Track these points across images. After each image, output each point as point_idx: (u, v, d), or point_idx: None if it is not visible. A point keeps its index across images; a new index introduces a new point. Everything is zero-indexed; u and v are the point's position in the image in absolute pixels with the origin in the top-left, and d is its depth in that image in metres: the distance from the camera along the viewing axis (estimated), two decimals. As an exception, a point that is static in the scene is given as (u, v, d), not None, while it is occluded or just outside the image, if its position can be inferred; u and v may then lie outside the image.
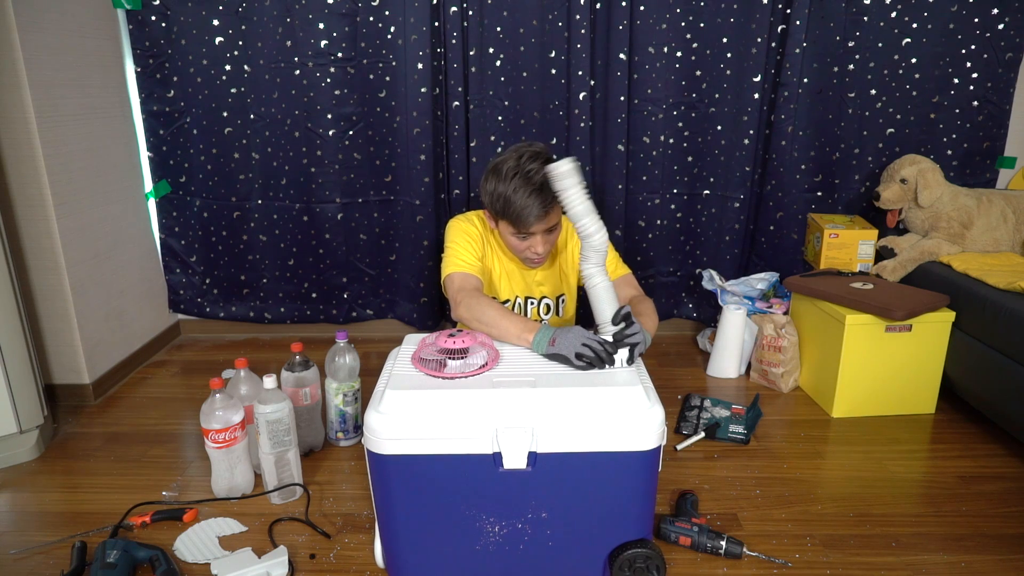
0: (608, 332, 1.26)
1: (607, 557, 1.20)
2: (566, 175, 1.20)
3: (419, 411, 1.12)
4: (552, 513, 1.17)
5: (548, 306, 1.72)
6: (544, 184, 1.44)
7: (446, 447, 1.12)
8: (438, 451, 1.12)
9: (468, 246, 1.58)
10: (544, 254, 1.57)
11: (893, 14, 2.11)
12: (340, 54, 2.17)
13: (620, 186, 2.26)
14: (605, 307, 1.26)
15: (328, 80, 2.19)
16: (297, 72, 2.19)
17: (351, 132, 2.26)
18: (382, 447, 1.12)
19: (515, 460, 1.12)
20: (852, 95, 2.19)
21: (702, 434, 1.75)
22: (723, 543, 1.29)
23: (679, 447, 1.71)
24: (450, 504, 1.15)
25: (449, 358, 1.22)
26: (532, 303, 1.71)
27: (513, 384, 1.16)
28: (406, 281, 2.42)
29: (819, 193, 2.31)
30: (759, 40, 2.10)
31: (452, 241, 1.59)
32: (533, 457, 1.13)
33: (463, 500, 1.15)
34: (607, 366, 1.21)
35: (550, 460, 1.13)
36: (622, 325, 1.25)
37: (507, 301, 1.68)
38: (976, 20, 2.10)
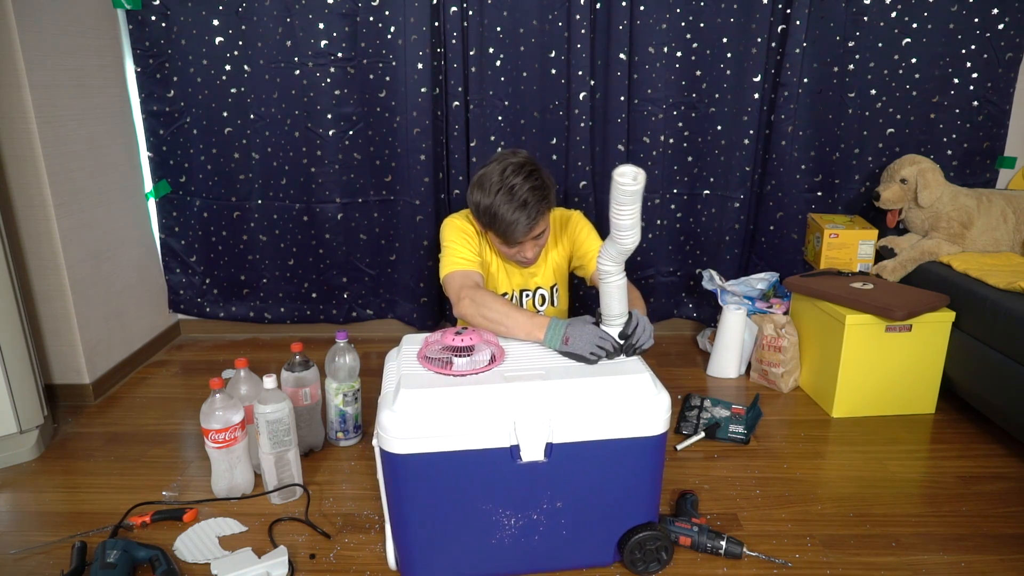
0: (613, 326, 1.28)
1: (617, 542, 1.23)
2: (633, 196, 1.11)
3: (435, 409, 1.12)
4: (566, 502, 1.19)
5: (543, 297, 1.73)
6: (528, 199, 1.45)
7: (462, 443, 1.12)
8: (454, 447, 1.12)
9: (465, 243, 1.58)
10: (534, 258, 1.59)
11: (893, 14, 2.11)
12: (340, 54, 2.17)
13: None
14: (615, 304, 1.27)
15: (328, 80, 2.19)
16: (297, 72, 2.19)
17: (351, 132, 2.26)
18: (397, 446, 1.12)
19: (533, 452, 1.14)
20: (852, 95, 2.18)
21: (702, 434, 1.75)
22: (723, 543, 1.29)
23: (679, 447, 1.71)
24: (467, 500, 1.16)
25: (455, 355, 1.22)
26: (527, 295, 1.72)
27: (527, 377, 1.17)
28: (406, 281, 2.42)
29: (819, 193, 2.31)
30: (759, 40, 2.10)
31: (449, 240, 1.60)
32: (549, 448, 1.14)
33: (480, 495, 1.16)
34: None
35: (565, 450, 1.15)
36: (631, 333, 1.28)
37: (505, 294, 1.69)
38: (976, 20, 2.10)
